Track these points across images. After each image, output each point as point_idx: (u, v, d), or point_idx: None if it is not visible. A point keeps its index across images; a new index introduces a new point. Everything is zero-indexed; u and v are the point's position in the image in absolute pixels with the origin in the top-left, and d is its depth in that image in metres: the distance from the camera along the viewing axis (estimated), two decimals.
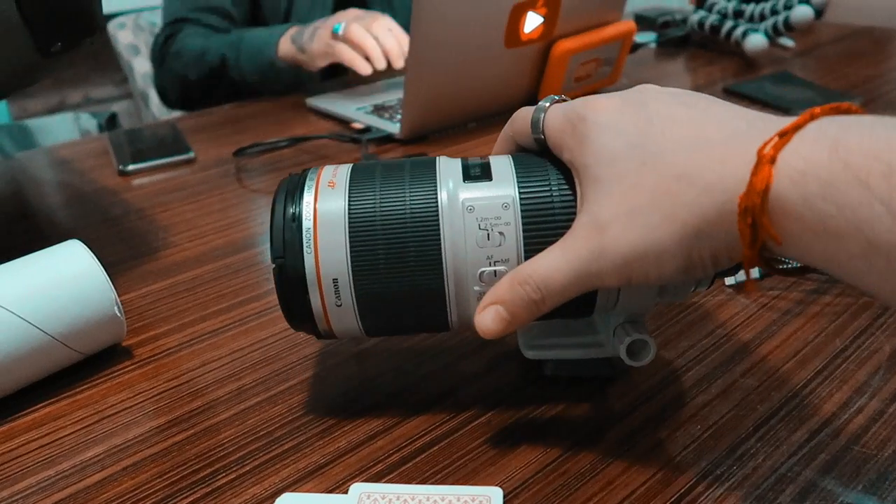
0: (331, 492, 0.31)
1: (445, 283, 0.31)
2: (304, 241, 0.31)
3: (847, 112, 0.23)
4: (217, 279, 0.50)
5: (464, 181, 0.32)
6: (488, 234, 0.31)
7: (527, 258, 0.30)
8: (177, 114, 1.34)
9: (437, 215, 0.31)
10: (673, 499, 0.30)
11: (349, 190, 0.32)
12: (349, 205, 0.32)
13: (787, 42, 1.03)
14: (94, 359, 0.41)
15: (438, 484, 0.31)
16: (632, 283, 0.28)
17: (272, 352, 0.41)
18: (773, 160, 0.22)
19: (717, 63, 1.00)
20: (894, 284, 0.20)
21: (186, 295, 0.48)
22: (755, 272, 0.43)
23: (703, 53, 1.05)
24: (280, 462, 0.33)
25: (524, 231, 0.31)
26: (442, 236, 0.31)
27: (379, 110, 0.83)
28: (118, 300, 0.40)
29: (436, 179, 0.32)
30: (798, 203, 0.22)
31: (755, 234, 0.23)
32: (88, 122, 1.06)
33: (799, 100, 0.79)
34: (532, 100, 0.83)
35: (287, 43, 0.94)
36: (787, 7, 0.96)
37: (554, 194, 0.31)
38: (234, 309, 0.46)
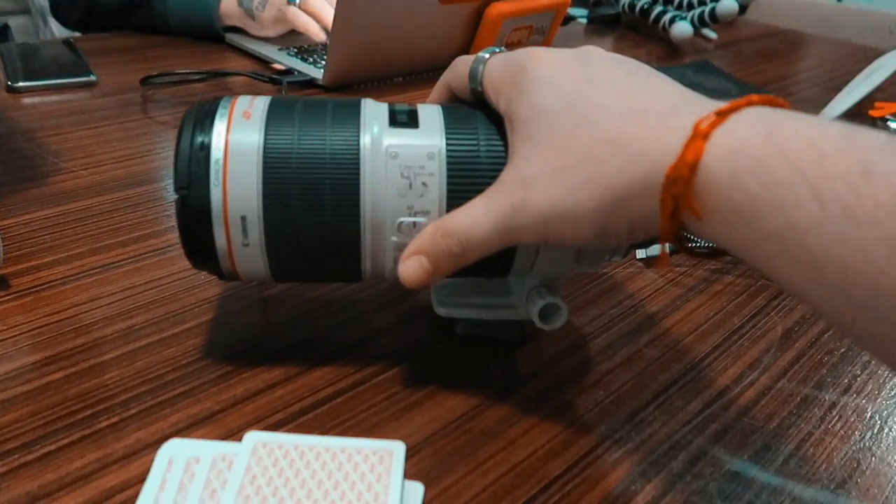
0: (224, 440, 0.30)
1: (361, 230, 0.30)
2: (213, 172, 0.29)
3: (780, 106, 0.24)
4: (112, 211, 0.47)
5: (389, 126, 0.30)
6: (410, 184, 0.29)
7: (448, 211, 0.29)
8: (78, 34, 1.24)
9: (358, 158, 0.29)
10: (573, 461, 0.30)
11: (266, 123, 0.30)
12: (265, 138, 0.29)
13: (710, 34, 1.06)
14: None
15: (340, 436, 0.30)
16: (548, 242, 0.27)
17: (168, 292, 0.39)
18: (706, 136, 0.22)
19: (644, 46, 1.02)
20: (806, 270, 0.21)
21: (76, 226, 0.45)
22: (668, 247, 0.44)
23: (631, 35, 1.07)
24: (170, 407, 0.31)
25: (448, 183, 0.30)
26: (362, 180, 0.29)
27: (302, 53, 0.80)
28: None
29: (359, 121, 0.30)
30: (725, 180, 0.22)
31: (676, 207, 0.23)
32: None
33: (718, 90, 0.81)
34: None
35: (231, 4, 0.85)
36: None
37: (481, 147, 0.30)
38: (128, 244, 0.43)
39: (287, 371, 0.34)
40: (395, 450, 0.28)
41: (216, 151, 0.29)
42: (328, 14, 0.79)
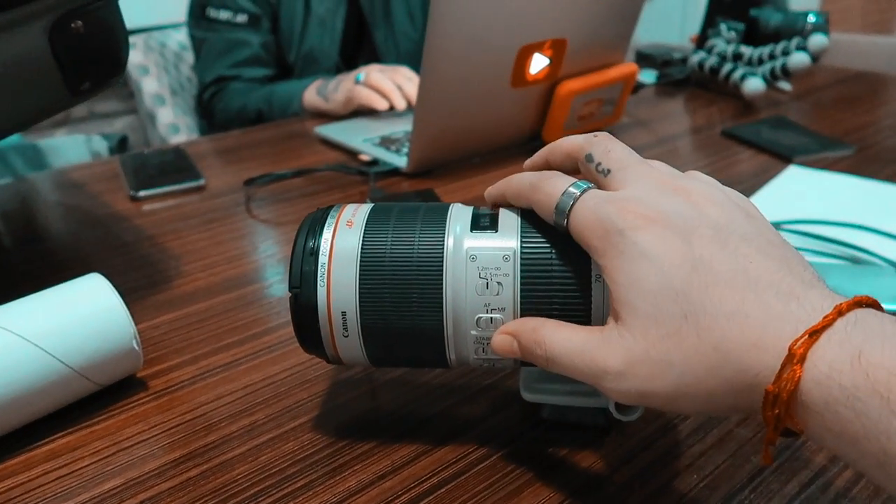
0: None
1: (444, 325, 0.33)
2: (319, 274, 0.34)
3: (869, 306, 0.25)
4: (228, 311, 0.52)
5: (471, 230, 0.34)
6: (487, 283, 0.32)
7: (522, 308, 0.32)
8: (183, 137, 1.36)
9: (442, 261, 0.33)
10: None
11: (364, 229, 0.34)
12: (362, 244, 0.34)
13: (784, 86, 1.06)
14: (111, 389, 0.42)
15: None
16: (641, 404, 0.29)
17: (283, 388, 0.43)
18: (802, 359, 0.24)
19: (716, 104, 1.02)
20: None
21: (199, 326, 0.50)
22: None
23: (702, 94, 1.08)
24: (293, 500, 0.34)
25: (521, 283, 0.32)
26: (444, 281, 0.33)
27: (385, 142, 0.85)
28: (137, 334, 0.41)
29: (445, 226, 0.34)
30: (820, 404, 0.23)
31: (778, 422, 0.25)
32: (99, 144, 1.07)
33: (795, 145, 0.81)
34: (535, 137, 0.86)
35: (312, 94, 1.06)
36: (785, 53, 0.99)
37: (554, 252, 0.32)
38: (245, 342, 0.48)
39: (392, 462, 0.37)
40: None
41: (323, 256, 0.34)
42: (388, 86, 0.95)
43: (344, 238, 0.34)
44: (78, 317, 0.40)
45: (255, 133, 0.97)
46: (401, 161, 0.78)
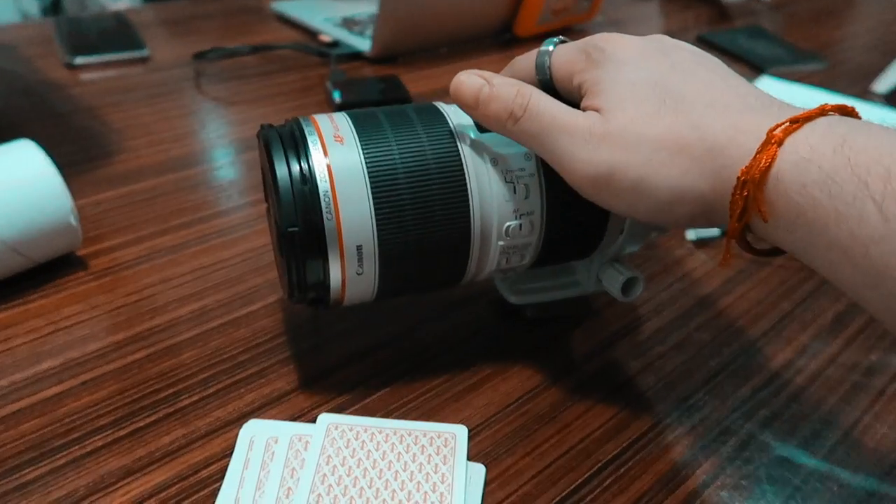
0: (295, 419, 0.32)
1: (472, 239, 0.30)
2: (324, 205, 0.28)
3: (851, 114, 0.24)
4: (175, 192, 0.49)
5: (481, 132, 0.31)
6: (515, 188, 0.30)
7: (548, 209, 0.31)
8: (124, 4, 1.25)
9: (462, 169, 0.29)
10: (626, 444, 0.31)
11: (361, 143, 0.29)
12: (366, 161, 0.29)
13: None
14: (47, 267, 0.39)
15: (402, 418, 0.32)
16: (603, 190, 0.27)
17: (235, 273, 0.41)
18: (780, 142, 0.23)
19: (692, 9, 0.99)
20: (866, 278, 0.22)
21: (144, 206, 0.47)
22: (713, 230, 0.44)
23: None
24: (245, 387, 0.33)
25: (546, 181, 0.30)
26: (469, 192, 0.29)
27: (348, 23, 0.80)
28: (74, 208, 0.38)
29: (451, 129, 0.30)
30: (794, 187, 0.23)
31: (745, 208, 0.24)
32: (29, 3, 0.97)
33: (769, 56, 0.79)
34: (506, 30, 0.81)
35: None
36: None
37: None
38: (194, 224, 0.45)
39: (349, 352, 0.36)
40: (459, 433, 0.30)
41: (322, 182, 0.28)
42: None
43: (341, 156, 0.28)
44: (7, 185, 0.36)
45: (205, 4, 0.89)
46: (364, 44, 0.73)
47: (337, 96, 0.60)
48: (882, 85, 0.73)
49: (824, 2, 1.06)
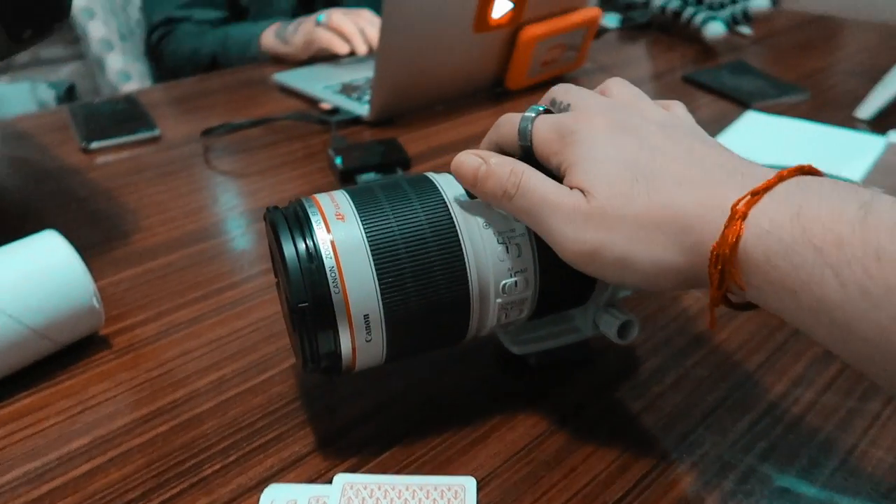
0: (313, 481, 0.33)
1: (471, 299, 0.32)
2: (331, 280, 0.30)
3: (809, 173, 0.26)
4: (190, 266, 0.51)
5: (470, 198, 0.33)
6: (507, 248, 0.32)
7: (540, 265, 0.33)
8: (135, 85, 1.31)
9: (457, 234, 0.31)
10: (630, 485, 0.33)
11: (360, 218, 0.31)
12: (367, 234, 0.31)
13: (744, 30, 1.06)
14: (72, 348, 0.42)
15: (415, 472, 0.33)
16: (591, 265, 0.29)
17: (249, 342, 0.43)
18: (744, 216, 0.25)
19: (677, 49, 1.02)
20: (836, 337, 0.24)
21: (160, 282, 0.49)
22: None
23: (663, 38, 1.07)
24: (263, 452, 0.35)
25: (536, 239, 0.32)
26: (465, 255, 0.31)
27: (347, 90, 0.84)
28: (96, 291, 0.41)
29: (442, 197, 0.32)
30: (761, 258, 0.25)
31: (722, 279, 0.26)
32: (46, 92, 1.02)
33: (754, 91, 0.82)
34: (498, 83, 0.85)
35: (270, 37, 1.02)
36: None
37: None
38: (209, 297, 0.47)
39: (361, 410, 0.37)
40: (468, 485, 0.31)
41: (328, 259, 0.30)
42: (349, 28, 0.92)
43: (343, 233, 0.30)
44: (34, 275, 0.39)
45: (211, 80, 0.94)
46: (362, 109, 0.77)
47: (339, 162, 0.63)
48: (865, 111, 0.75)
49: (807, 32, 1.10)
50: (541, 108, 0.34)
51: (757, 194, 0.25)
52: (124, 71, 1.31)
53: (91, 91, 1.40)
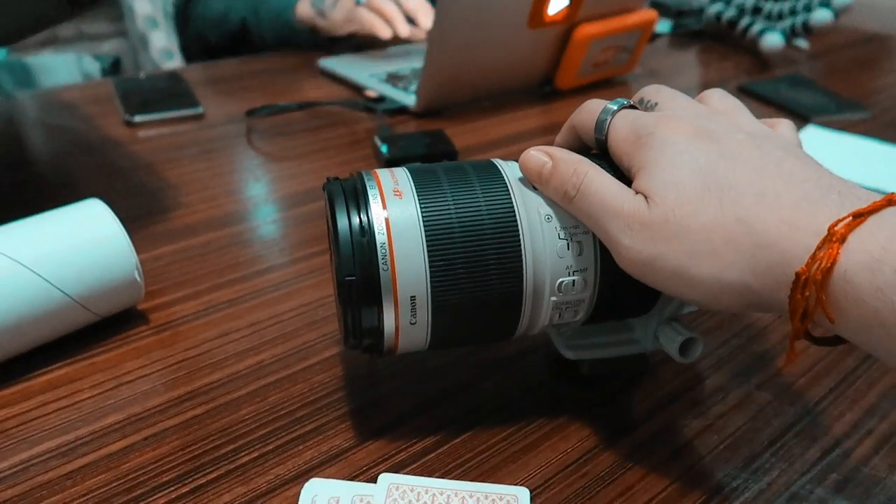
0: (354, 478, 0.32)
1: (524, 294, 0.30)
2: (380, 256, 0.29)
3: None
4: (230, 246, 0.50)
5: (535, 189, 0.31)
6: (568, 244, 0.30)
7: (602, 266, 0.31)
8: (177, 63, 1.31)
9: (517, 225, 0.30)
10: None
11: (418, 197, 0.30)
12: (423, 214, 0.29)
13: (801, 43, 1.03)
14: (110, 321, 0.41)
15: (460, 478, 0.31)
16: (647, 275, 0.28)
17: (290, 328, 0.41)
18: (843, 239, 0.22)
19: (731, 59, 1.00)
20: None
21: (201, 260, 0.48)
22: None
23: (716, 47, 1.04)
24: (303, 443, 0.33)
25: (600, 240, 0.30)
26: (523, 247, 0.30)
27: (392, 79, 0.82)
28: (139, 264, 0.39)
29: (506, 185, 0.31)
30: (867, 290, 0.22)
31: (807, 308, 0.23)
32: (91, 64, 1.02)
33: (813, 106, 0.79)
34: (547, 82, 0.83)
35: (306, 6, 0.94)
36: (807, 9, 0.96)
37: None
38: (249, 279, 0.46)
39: (406, 408, 0.36)
40: (521, 496, 0.29)
41: (380, 234, 0.29)
42: (391, 9, 0.86)
43: (399, 210, 0.29)
44: (78, 244, 0.37)
45: (255, 62, 0.93)
46: (409, 99, 0.75)
47: (385, 151, 0.62)
48: None
49: (863, 50, 1.06)
50: (625, 102, 0.32)
51: (860, 216, 0.23)
52: (167, 49, 1.32)
53: (133, 68, 1.40)
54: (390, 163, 0.61)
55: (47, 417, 0.35)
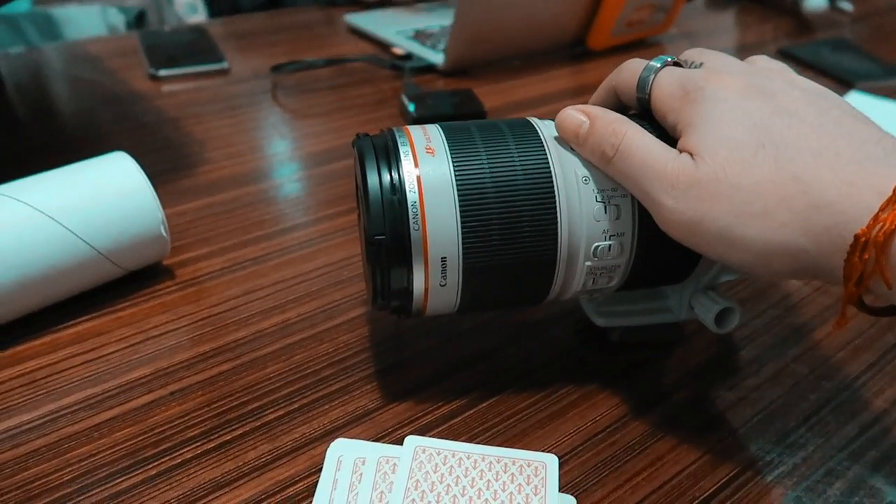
0: (379, 439, 0.31)
1: (558, 258, 0.29)
2: (411, 215, 0.28)
3: None
4: (256, 203, 0.49)
5: (572, 149, 0.30)
6: (605, 207, 0.29)
7: (639, 231, 0.30)
8: (201, 18, 1.29)
9: (552, 186, 0.29)
10: (722, 481, 0.30)
11: (451, 155, 0.29)
12: (456, 173, 0.28)
13: (845, 5, 0.99)
14: (135, 276, 0.40)
15: (487, 442, 0.31)
16: (691, 238, 0.26)
17: (316, 287, 0.41)
18: None
19: (770, 21, 0.96)
20: None
21: (226, 217, 0.47)
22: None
23: (755, 9, 1.01)
24: (328, 403, 0.33)
25: (639, 203, 0.29)
26: (558, 209, 0.29)
27: (420, 36, 0.80)
28: (165, 218, 0.39)
29: (543, 145, 0.30)
30: None
31: (863, 272, 0.22)
32: (116, 17, 1.01)
33: (859, 71, 0.76)
34: (579, 42, 0.80)
35: None
36: None
37: None
38: (274, 237, 0.45)
39: (433, 371, 0.35)
40: (549, 463, 0.29)
41: (411, 193, 0.28)
42: None
43: (431, 168, 0.28)
44: (103, 196, 0.37)
45: (280, 17, 0.91)
46: (437, 57, 0.73)
47: (412, 109, 0.60)
48: None
49: None
50: (669, 59, 0.30)
51: None
52: (191, 3, 1.30)
53: (157, 22, 1.39)
54: (418, 122, 0.59)
55: (75, 370, 0.35)
